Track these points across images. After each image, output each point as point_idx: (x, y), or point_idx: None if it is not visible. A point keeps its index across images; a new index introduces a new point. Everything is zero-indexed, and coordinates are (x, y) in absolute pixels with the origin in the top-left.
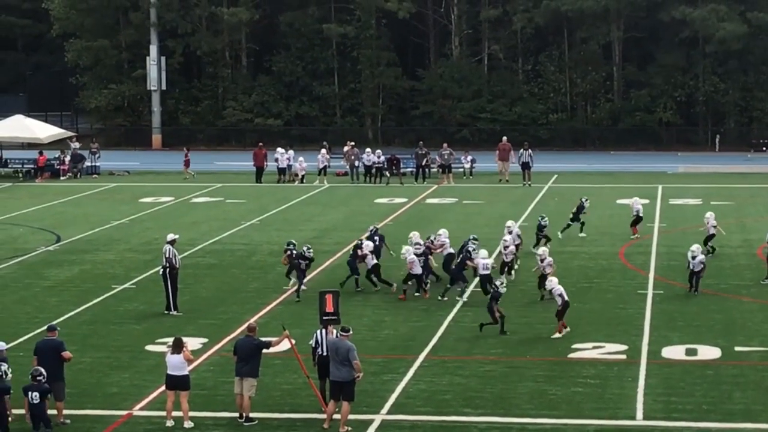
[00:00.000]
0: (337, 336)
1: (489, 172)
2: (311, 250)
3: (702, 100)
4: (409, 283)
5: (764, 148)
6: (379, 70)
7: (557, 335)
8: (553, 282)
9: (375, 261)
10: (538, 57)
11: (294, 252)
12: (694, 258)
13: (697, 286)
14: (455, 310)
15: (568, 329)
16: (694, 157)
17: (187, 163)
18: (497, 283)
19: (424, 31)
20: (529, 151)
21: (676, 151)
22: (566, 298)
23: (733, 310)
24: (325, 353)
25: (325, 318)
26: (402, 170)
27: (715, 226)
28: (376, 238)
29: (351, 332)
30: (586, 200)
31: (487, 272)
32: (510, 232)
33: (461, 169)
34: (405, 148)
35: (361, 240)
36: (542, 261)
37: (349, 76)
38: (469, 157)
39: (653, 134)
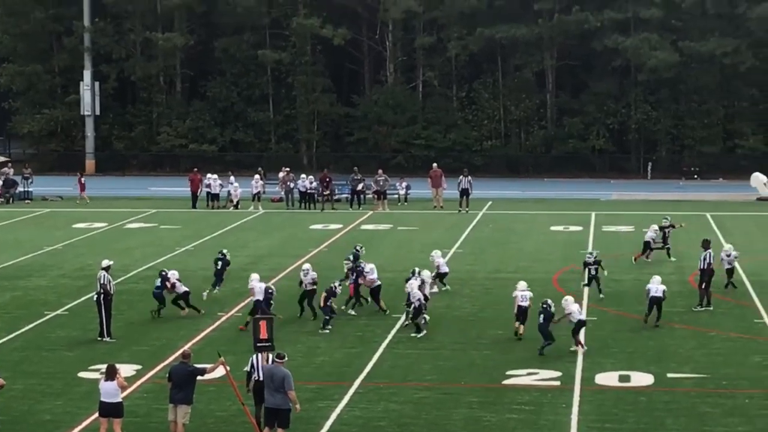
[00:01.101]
0: (271, 362)
1: (424, 198)
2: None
3: (634, 128)
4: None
5: (695, 176)
6: (314, 96)
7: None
8: (569, 302)
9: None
10: (473, 84)
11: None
12: (656, 290)
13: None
14: (390, 336)
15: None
16: (626, 185)
17: (82, 188)
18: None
19: (359, 57)
20: (468, 177)
21: (609, 178)
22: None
23: (665, 337)
24: (260, 379)
25: (259, 345)
26: (337, 196)
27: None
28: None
29: (286, 359)
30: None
31: (419, 304)
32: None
33: (396, 196)
34: (340, 175)
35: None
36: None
37: (284, 102)
38: (404, 184)
39: (586, 161)
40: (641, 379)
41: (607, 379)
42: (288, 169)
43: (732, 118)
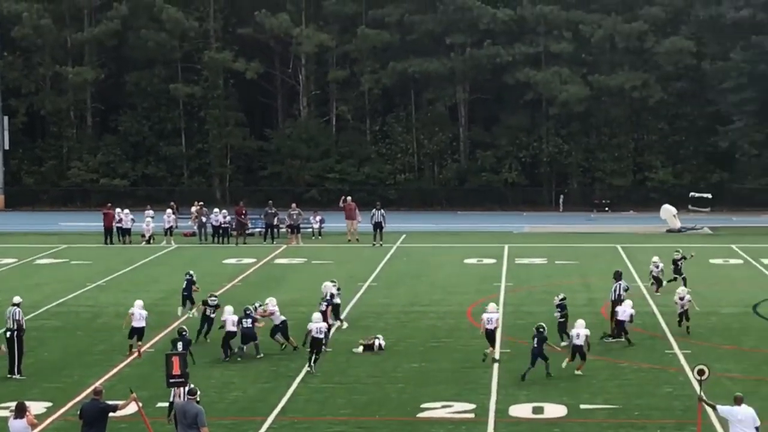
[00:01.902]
0: (184, 398)
1: (338, 232)
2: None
3: (546, 160)
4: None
5: (606, 209)
6: (226, 130)
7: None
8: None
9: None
10: (386, 118)
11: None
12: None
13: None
14: (304, 371)
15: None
16: (539, 217)
17: None
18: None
19: (272, 91)
20: (382, 211)
21: (522, 211)
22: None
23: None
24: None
25: (171, 381)
26: (250, 230)
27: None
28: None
29: (198, 394)
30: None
31: (320, 336)
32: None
33: (310, 230)
34: (254, 209)
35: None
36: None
37: (197, 136)
38: (318, 217)
39: (499, 194)
40: (555, 410)
41: (521, 410)
42: (201, 203)
43: (642, 151)
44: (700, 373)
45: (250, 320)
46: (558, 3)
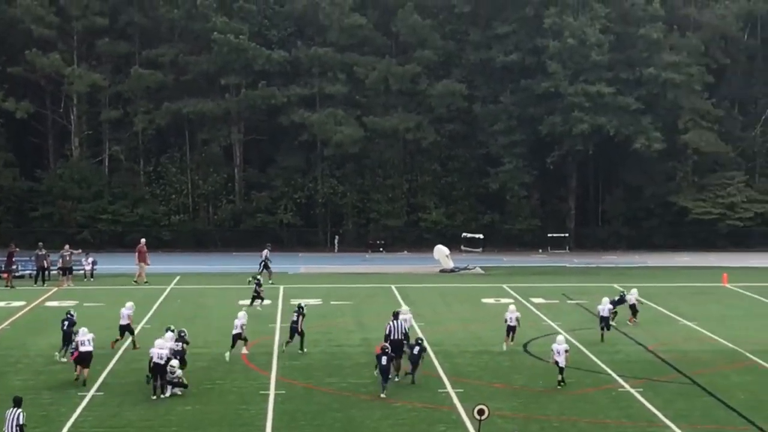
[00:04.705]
0: None
1: (111, 273)
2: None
3: (321, 201)
4: None
5: (381, 249)
6: None
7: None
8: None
9: None
10: (160, 158)
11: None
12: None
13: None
14: (76, 414)
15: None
16: (314, 258)
17: None
18: None
19: (43, 131)
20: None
21: (297, 251)
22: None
23: (353, 408)
24: None
25: None
26: (20, 273)
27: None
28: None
29: None
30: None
31: (161, 361)
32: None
33: (82, 271)
34: (24, 251)
35: None
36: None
37: None
38: (90, 259)
39: (275, 235)
40: None
41: None
42: None
43: (415, 192)
44: (480, 413)
45: None
46: (332, 45)
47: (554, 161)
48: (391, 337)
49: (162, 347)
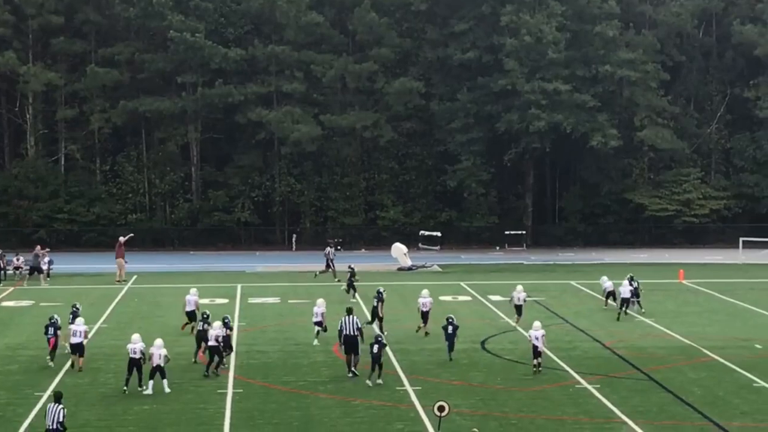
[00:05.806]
0: None
1: (68, 273)
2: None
3: (279, 200)
4: None
5: (339, 247)
6: None
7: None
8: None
9: None
10: (117, 157)
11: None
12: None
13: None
14: (33, 413)
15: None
16: (272, 257)
17: None
18: None
19: None
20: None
21: (255, 250)
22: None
23: (311, 407)
24: None
25: None
26: None
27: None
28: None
29: None
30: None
31: (135, 356)
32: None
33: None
34: None
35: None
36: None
37: None
38: (47, 259)
39: (232, 234)
40: None
41: None
42: None
43: (373, 190)
44: (440, 409)
45: None
46: (289, 43)
47: (511, 159)
48: (344, 333)
49: (136, 342)
